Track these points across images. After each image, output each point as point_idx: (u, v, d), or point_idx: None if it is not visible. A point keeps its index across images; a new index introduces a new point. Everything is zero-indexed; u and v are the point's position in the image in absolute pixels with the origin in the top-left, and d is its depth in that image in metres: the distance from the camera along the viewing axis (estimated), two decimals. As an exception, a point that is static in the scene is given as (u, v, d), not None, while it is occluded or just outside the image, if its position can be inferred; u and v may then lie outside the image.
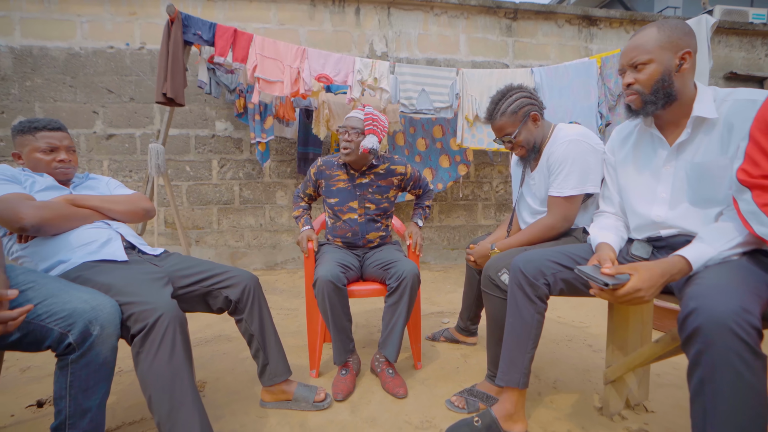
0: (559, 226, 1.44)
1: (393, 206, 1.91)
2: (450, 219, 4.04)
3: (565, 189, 1.39)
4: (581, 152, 1.38)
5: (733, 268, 0.90)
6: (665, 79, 1.07)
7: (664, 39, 1.06)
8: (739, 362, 0.74)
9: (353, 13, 3.78)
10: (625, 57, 1.12)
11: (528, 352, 1.22)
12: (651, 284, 0.94)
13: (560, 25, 4.12)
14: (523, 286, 1.18)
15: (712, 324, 0.76)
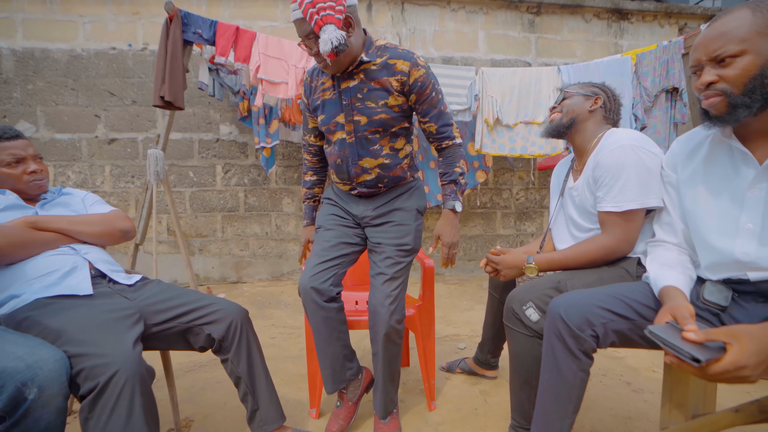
0: (620, 250, 1.19)
1: (403, 120, 1.34)
2: (467, 228, 3.79)
3: (624, 202, 1.14)
4: (639, 159, 1.13)
5: None
6: (765, 74, 0.82)
7: (763, 23, 0.81)
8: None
9: (365, 10, 3.58)
10: (704, 48, 0.86)
11: (568, 418, 0.99)
12: (759, 360, 0.67)
13: (587, 19, 3.82)
14: (564, 338, 0.95)
15: None
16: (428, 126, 1.35)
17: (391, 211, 1.39)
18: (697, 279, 1.01)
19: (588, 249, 1.20)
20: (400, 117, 1.32)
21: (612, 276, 1.18)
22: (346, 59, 1.25)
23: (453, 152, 1.38)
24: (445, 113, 1.36)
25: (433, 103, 1.32)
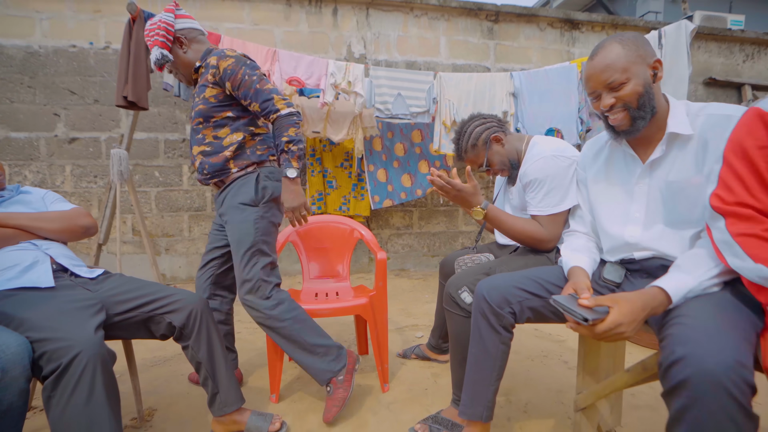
0: (548, 242, 1.35)
1: (224, 110, 1.44)
2: (430, 225, 3.95)
3: (548, 208, 1.31)
4: (558, 168, 1.30)
5: (719, 305, 0.81)
6: (648, 91, 0.99)
7: (633, 52, 0.98)
8: (731, 425, 0.66)
9: (330, 14, 3.67)
10: (597, 79, 1.02)
11: (492, 385, 1.13)
12: (632, 318, 0.84)
13: (542, 28, 4.06)
14: (487, 315, 1.09)
15: (704, 378, 0.67)
16: (252, 106, 1.40)
17: (226, 209, 1.48)
18: (601, 261, 1.18)
19: (526, 228, 1.35)
20: (219, 107, 1.43)
21: (536, 262, 1.34)
22: (183, 69, 1.51)
23: (280, 124, 1.37)
24: (263, 90, 1.38)
25: (247, 85, 1.37)
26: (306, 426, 1.45)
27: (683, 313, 0.81)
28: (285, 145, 1.36)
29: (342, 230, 2.01)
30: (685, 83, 2.92)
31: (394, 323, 2.53)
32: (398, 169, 3.43)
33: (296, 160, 1.39)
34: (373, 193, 3.36)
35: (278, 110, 1.37)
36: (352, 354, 1.52)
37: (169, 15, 1.46)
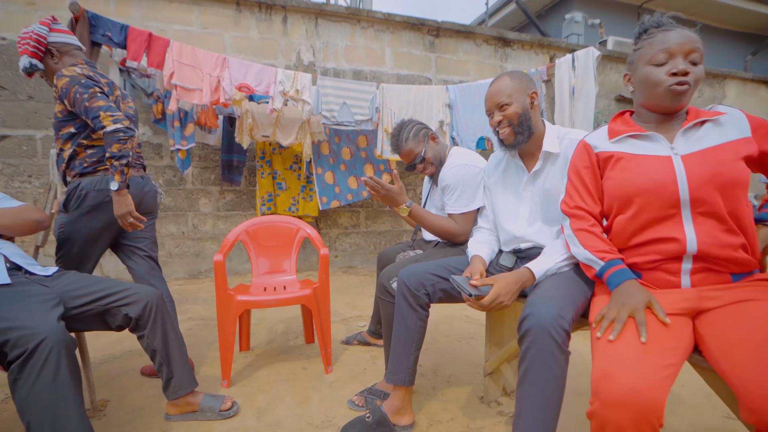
0: (460, 236, 1.63)
1: (67, 125, 1.57)
2: (376, 225, 4.21)
3: (459, 207, 1.59)
4: (469, 175, 1.58)
5: (561, 279, 1.11)
6: (526, 114, 1.28)
7: (517, 84, 1.27)
8: (551, 358, 0.94)
9: (280, 22, 3.80)
10: (491, 101, 1.32)
11: (412, 354, 1.37)
12: (507, 291, 1.13)
13: (478, 44, 4.46)
14: (406, 297, 1.34)
15: (537, 327, 0.95)
16: (87, 121, 1.52)
17: None
18: (500, 251, 1.47)
19: (442, 224, 1.63)
20: (63, 121, 1.58)
21: (452, 253, 1.62)
22: (52, 80, 1.61)
23: (106, 140, 1.47)
24: (92, 108, 1.48)
25: (79, 103, 1.49)
26: (255, 404, 1.62)
27: (539, 285, 1.11)
28: (108, 161, 1.49)
29: (288, 229, 2.18)
30: (593, 100, 3.39)
31: (340, 315, 2.73)
32: (345, 171, 3.64)
33: (119, 174, 1.49)
34: (321, 194, 3.54)
35: (104, 127, 1.47)
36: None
37: (43, 28, 1.58)
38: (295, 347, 2.19)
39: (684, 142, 0.98)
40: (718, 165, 0.92)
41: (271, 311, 2.79)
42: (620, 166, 1.02)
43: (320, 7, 3.84)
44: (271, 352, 2.12)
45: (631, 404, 0.75)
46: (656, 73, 0.98)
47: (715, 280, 0.94)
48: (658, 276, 0.99)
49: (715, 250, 0.92)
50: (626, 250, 1.04)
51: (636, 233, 1.01)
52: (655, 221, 0.97)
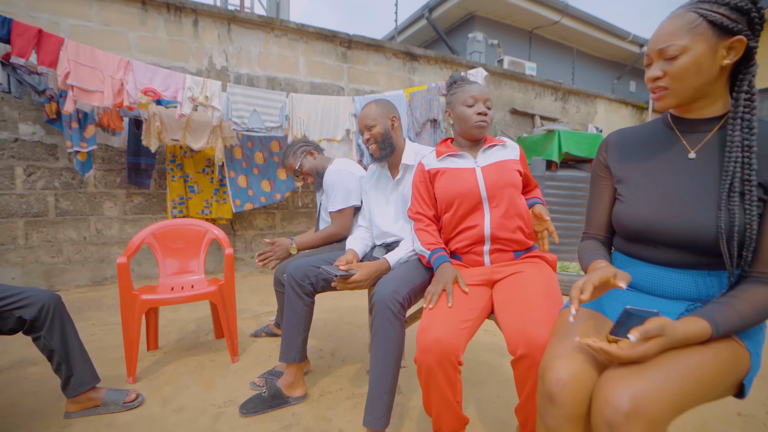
0: (339, 233, 1.91)
1: None
2: (292, 225, 4.38)
3: (336, 205, 1.88)
4: (342, 178, 1.88)
5: (406, 266, 1.45)
6: (387, 133, 1.60)
7: (380, 110, 1.59)
8: (389, 324, 1.26)
9: (191, 24, 3.80)
10: (360, 123, 1.62)
11: (300, 335, 1.63)
12: (367, 276, 1.43)
13: (388, 57, 4.84)
14: (294, 286, 1.59)
15: (379, 302, 1.26)
16: None
17: None
18: (375, 245, 1.78)
19: (323, 234, 1.92)
20: None
21: (337, 248, 1.90)
22: None
23: None
24: None
25: None
26: (161, 395, 1.74)
27: (389, 272, 1.44)
28: None
29: (196, 231, 2.30)
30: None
31: (252, 312, 2.89)
32: (258, 175, 3.77)
33: None
34: (235, 197, 3.63)
35: None
36: None
37: None
38: (205, 343, 2.32)
39: (482, 157, 1.37)
40: (503, 173, 1.32)
41: (183, 312, 2.86)
42: (444, 177, 1.38)
43: (233, 13, 3.91)
44: (180, 349, 2.23)
45: (436, 349, 1.08)
46: (468, 112, 1.35)
47: (503, 258, 1.34)
48: (471, 258, 1.36)
49: (501, 233, 1.31)
50: (452, 239, 1.40)
51: (457, 224, 1.37)
52: (467, 214, 1.34)
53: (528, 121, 6.20)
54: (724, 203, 0.80)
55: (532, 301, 1.14)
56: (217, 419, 1.56)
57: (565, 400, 0.75)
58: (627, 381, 0.68)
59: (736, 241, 0.78)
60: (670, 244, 0.89)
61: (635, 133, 1.04)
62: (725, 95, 0.86)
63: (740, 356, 0.76)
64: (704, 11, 0.80)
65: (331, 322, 2.67)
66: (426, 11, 7.10)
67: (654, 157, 0.96)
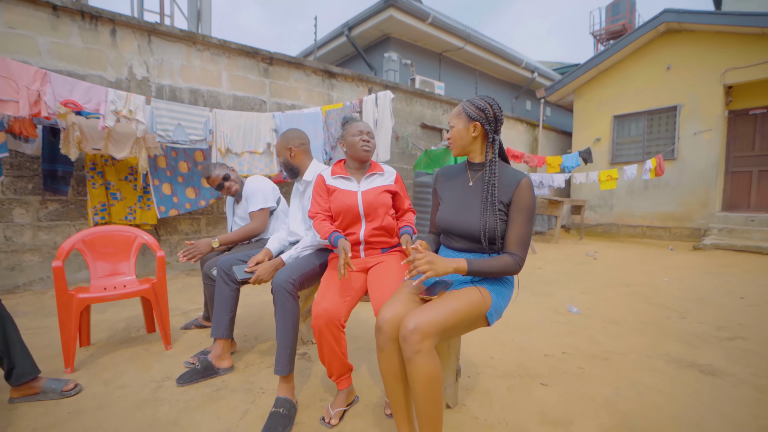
0: (257, 229, 2.36)
1: None
2: (217, 230, 4.61)
3: (254, 207, 2.35)
4: (261, 185, 2.36)
5: (301, 259, 1.93)
6: (287, 162, 2.07)
7: (281, 143, 2.06)
8: (286, 300, 1.72)
9: (108, 34, 3.87)
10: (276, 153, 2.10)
11: (227, 315, 2.03)
12: (265, 272, 1.89)
13: (308, 74, 5.27)
14: (222, 275, 1.99)
15: (277, 286, 1.72)
16: None
17: None
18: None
19: (244, 230, 2.36)
20: None
21: (257, 246, 2.33)
22: None
23: None
24: None
25: None
26: (101, 378, 2.01)
27: None
28: None
29: (126, 237, 2.54)
30: (390, 130, 4.53)
31: (181, 309, 3.15)
32: (183, 183, 3.97)
33: None
34: (159, 204, 3.80)
35: None
36: None
37: None
38: (137, 337, 2.57)
39: (365, 183, 1.85)
40: (377, 197, 1.80)
41: (111, 312, 3.02)
42: (335, 194, 1.81)
43: (153, 26, 4.05)
44: (113, 343, 2.46)
45: (324, 315, 1.57)
46: (356, 140, 1.82)
47: (373, 253, 1.84)
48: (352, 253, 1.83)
49: (372, 239, 1.80)
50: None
51: (343, 230, 1.82)
52: (349, 224, 1.80)
53: (437, 134, 7.04)
54: (483, 213, 1.43)
55: (385, 282, 1.65)
56: (157, 390, 1.90)
57: (385, 328, 1.30)
58: (414, 314, 1.26)
59: (487, 234, 1.41)
60: (459, 236, 1.51)
61: (451, 170, 1.66)
62: (483, 152, 1.51)
63: (485, 299, 1.38)
64: (464, 107, 1.46)
65: (255, 313, 3.05)
66: (346, 29, 7.64)
67: (455, 184, 1.59)
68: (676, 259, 5.85)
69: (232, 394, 1.86)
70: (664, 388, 1.94)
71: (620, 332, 2.72)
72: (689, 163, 7.82)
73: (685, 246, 7.22)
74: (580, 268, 5.10)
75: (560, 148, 10.49)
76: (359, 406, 1.76)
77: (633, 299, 3.57)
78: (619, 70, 8.71)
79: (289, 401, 1.66)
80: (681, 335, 2.67)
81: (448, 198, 1.58)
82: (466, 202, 1.51)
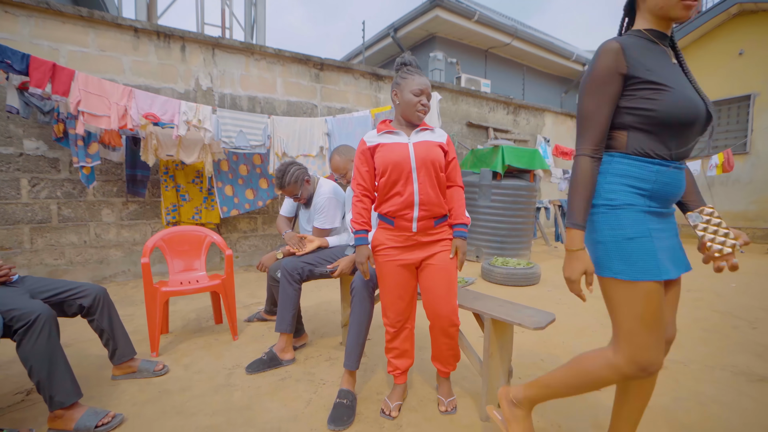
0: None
1: None
2: (272, 228, 4.90)
3: (321, 224, 2.39)
4: (330, 206, 2.39)
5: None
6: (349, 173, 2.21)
7: (344, 159, 2.21)
8: (364, 300, 1.84)
9: (179, 50, 4.24)
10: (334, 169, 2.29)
11: (291, 311, 2.20)
12: (347, 265, 2.04)
13: (356, 77, 5.43)
14: (286, 276, 2.17)
15: (357, 287, 1.85)
16: None
17: None
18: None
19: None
20: None
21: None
22: None
23: None
24: None
25: None
26: (182, 363, 2.26)
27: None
28: None
29: (198, 236, 2.81)
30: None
31: (242, 303, 3.42)
32: (242, 185, 4.27)
33: None
34: (222, 204, 4.13)
35: None
36: None
37: None
38: (207, 327, 2.84)
39: (415, 136, 1.61)
40: (430, 150, 1.57)
41: (183, 304, 3.35)
42: (382, 149, 1.59)
43: (216, 40, 4.37)
44: (187, 332, 2.75)
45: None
46: (414, 100, 1.57)
47: (427, 226, 1.60)
48: (401, 222, 1.60)
49: (426, 199, 1.56)
50: (385, 202, 1.62)
51: (390, 189, 1.58)
52: (397, 180, 1.56)
53: (483, 133, 6.97)
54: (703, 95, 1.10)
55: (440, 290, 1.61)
56: (230, 376, 2.12)
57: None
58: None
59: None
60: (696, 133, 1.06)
61: (635, 42, 1.09)
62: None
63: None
64: None
65: (310, 309, 3.25)
66: (391, 31, 7.74)
67: (660, 60, 1.07)
68: (746, 263, 5.41)
69: (296, 384, 2.03)
70: (730, 402, 1.87)
71: (680, 340, 2.61)
72: (765, 158, 7.15)
73: (759, 248, 6.64)
74: (636, 272, 4.86)
75: (615, 143, 9.94)
76: (413, 400, 1.87)
77: (695, 305, 3.39)
78: (682, 59, 8.10)
79: (351, 393, 1.79)
80: (750, 346, 2.52)
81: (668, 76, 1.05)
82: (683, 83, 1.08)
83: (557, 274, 4.63)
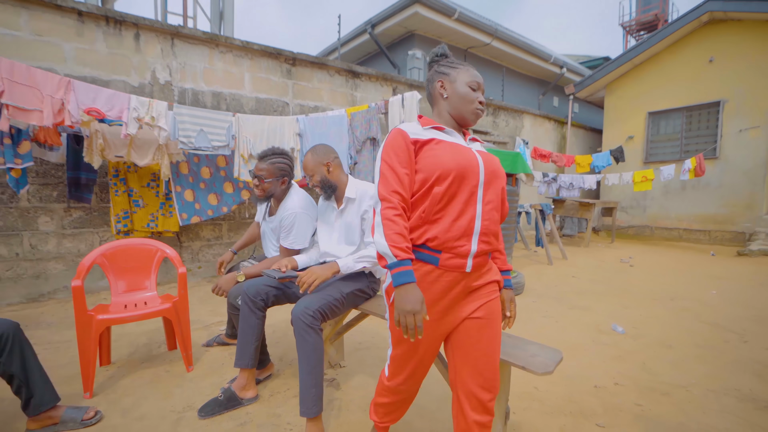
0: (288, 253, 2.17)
1: None
2: (239, 236, 4.52)
3: (287, 244, 2.06)
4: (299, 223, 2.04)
5: (324, 285, 1.78)
6: (325, 179, 1.90)
7: (316, 159, 1.89)
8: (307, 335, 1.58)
9: (132, 38, 3.80)
10: (304, 170, 1.93)
11: (253, 344, 1.89)
12: (322, 273, 1.70)
13: (331, 74, 5.11)
14: (248, 302, 1.85)
15: (294, 316, 1.58)
16: None
17: None
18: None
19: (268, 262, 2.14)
20: None
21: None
22: None
23: None
24: None
25: None
26: (121, 407, 1.90)
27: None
28: None
29: (147, 250, 2.44)
30: (416, 134, 4.32)
31: (202, 322, 3.05)
32: (204, 189, 3.87)
33: None
34: (181, 211, 3.72)
35: None
36: None
37: None
38: (158, 355, 2.47)
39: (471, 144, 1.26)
40: (496, 163, 1.24)
41: (132, 326, 2.95)
42: (440, 146, 1.16)
43: (176, 28, 3.96)
44: (133, 362, 2.37)
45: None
46: (472, 95, 1.22)
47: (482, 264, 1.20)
48: (452, 259, 1.14)
49: (490, 226, 1.18)
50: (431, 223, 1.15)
51: (444, 206, 1.14)
52: (457, 193, 1.13)
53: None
54: None
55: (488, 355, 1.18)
56: (178, 423, 1.78)
57: None
58: None
59: None
60: None
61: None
62: None
63: None
64: None
65: (279, 331, 2.92)
66: (369, 27, 7.45)
67: None
68: (720, 267, 5.45)
69: (257, 430, 1.72)
70: (743, 438, 1.70)
71: (676, 359, 2.46)
72: (733, 163, 7.32)
73: (728, 251, 6.76)
74: (617, 277, 4.79)
75: (590, 146, 10.04)
76: (396, 451, 1.60)
77: (682, 316, 3.28)
78: (655, 63, 8.22)
79: (321, 448, 1.50)
80: (748, 364, 2.39)
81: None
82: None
83: (539, 282, 4.48)
